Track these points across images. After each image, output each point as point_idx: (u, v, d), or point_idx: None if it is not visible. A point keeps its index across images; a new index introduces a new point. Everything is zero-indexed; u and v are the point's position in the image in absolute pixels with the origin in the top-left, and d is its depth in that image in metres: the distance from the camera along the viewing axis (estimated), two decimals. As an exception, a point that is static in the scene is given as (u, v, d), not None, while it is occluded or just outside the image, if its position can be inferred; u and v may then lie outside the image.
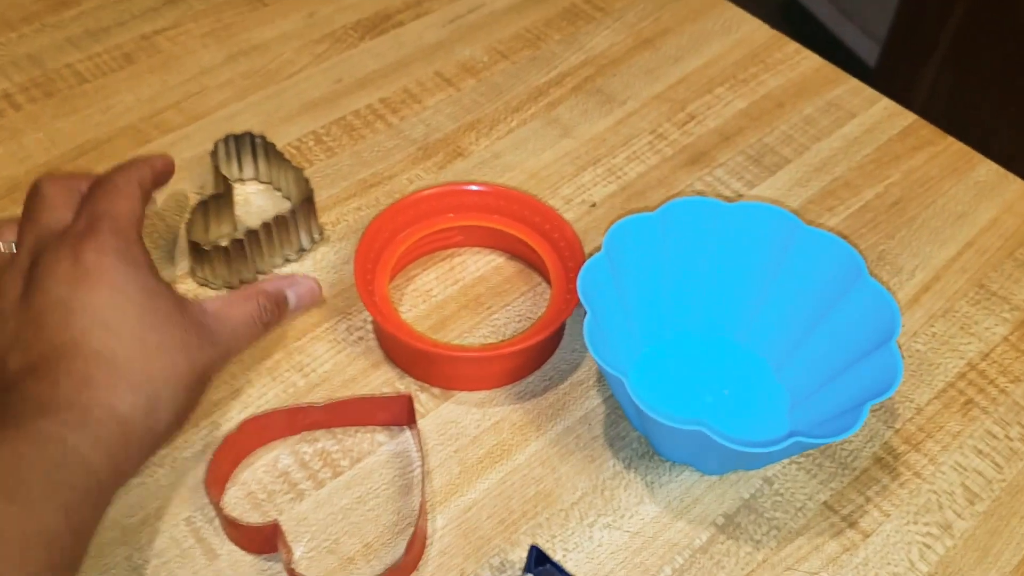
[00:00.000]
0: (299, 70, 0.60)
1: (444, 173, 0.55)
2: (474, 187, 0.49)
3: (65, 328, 0.35)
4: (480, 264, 0.51)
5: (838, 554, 0.40)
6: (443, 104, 0.59)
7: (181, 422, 0.37)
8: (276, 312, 0.41)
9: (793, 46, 0.63)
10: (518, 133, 0.57)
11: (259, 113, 0.57)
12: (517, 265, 0.51)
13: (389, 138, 0.57)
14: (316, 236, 0.50)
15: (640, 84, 0.60)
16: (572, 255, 0.47)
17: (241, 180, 0.53)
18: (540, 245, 0.48)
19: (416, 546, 0.39)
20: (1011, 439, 0.44)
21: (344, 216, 0.52)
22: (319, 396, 0.45)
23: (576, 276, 0.43)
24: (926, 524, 0.41)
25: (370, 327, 0.48)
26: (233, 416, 0.44)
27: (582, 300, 0.40)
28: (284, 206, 0.52)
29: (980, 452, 0.44)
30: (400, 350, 0.45)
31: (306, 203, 0.49)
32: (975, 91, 1.32)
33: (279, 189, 0.53)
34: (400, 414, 0.44)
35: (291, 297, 0.42)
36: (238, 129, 0.53)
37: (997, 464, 0.43)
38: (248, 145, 0.52)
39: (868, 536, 0.41)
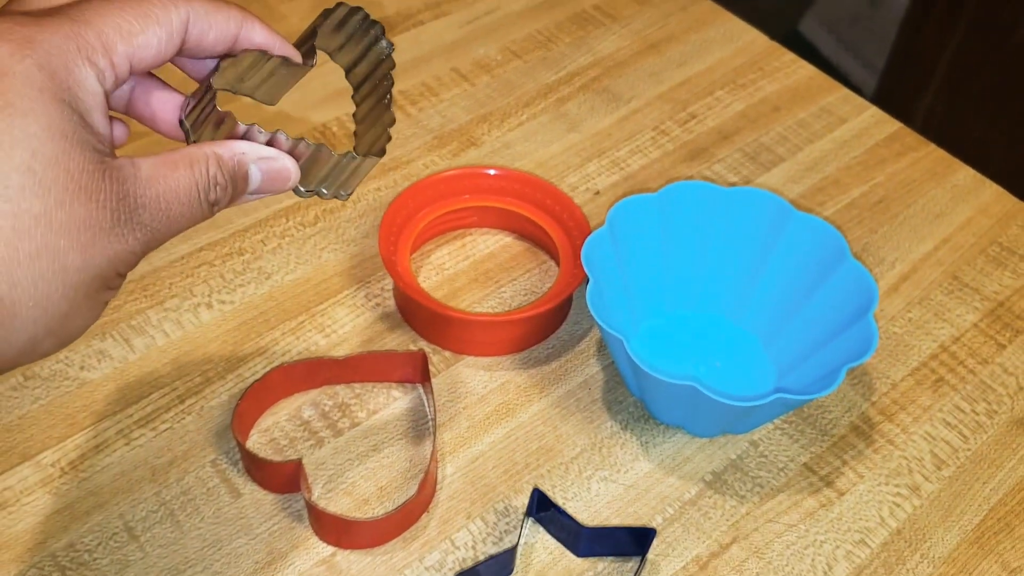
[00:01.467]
0: (325, 61, 0.64)
1: (457, 160, 0.58)
2: (491, 171, 0.53)
3: None
4: (490, 243, 0.54)
5: (815, 509, 0.44)
6: (458, 98, 0.63)
7: (71, 341, 0.26)
8: (229, 189, 0.29)
9: (790, 56, 0.67)
10: (528, 126, 0.61)
11: (286, 101, 0.60)
12: (525, 244, 0.54)
13: (408, 127, 0.60)
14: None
15: (645, 85, 0.64)
16: (580, 234, 0.50)
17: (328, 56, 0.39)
18: (550, 225, 0.52)
19: (428, 487, 0.42)
20: (977, 413, 0.48)
21: (364, 196, 0.56)
22: (339, 353, 0.48)
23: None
24: (896, 486, 0.45)
25: (388, 295, 0.51)
26: (258, 371, 0.48)
27: (585, 268, 0.44)
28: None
29: (948, 424, 0.47)
30: (418, 313, 0.49)
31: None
32: (969, 118, 1.36)
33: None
34: (415, 371, 0.47)
35: (254, 174, 0.30)
36: (269, 115, 0.56)
37: (964, 435, 0.47)
38: (359, 28, 0.37)
39: (843, 494, 0.44)
